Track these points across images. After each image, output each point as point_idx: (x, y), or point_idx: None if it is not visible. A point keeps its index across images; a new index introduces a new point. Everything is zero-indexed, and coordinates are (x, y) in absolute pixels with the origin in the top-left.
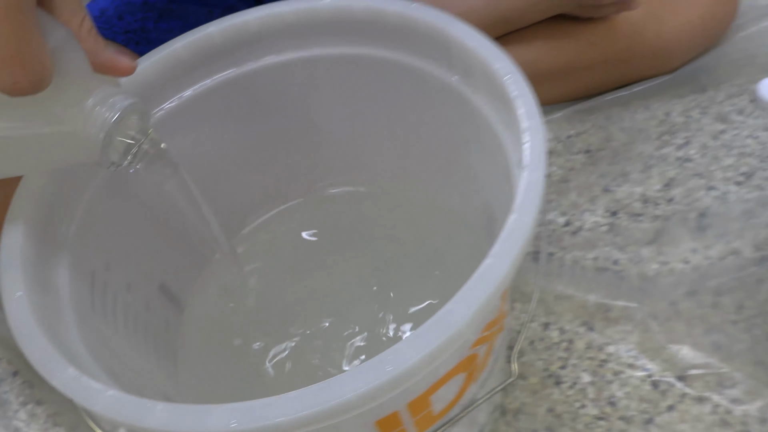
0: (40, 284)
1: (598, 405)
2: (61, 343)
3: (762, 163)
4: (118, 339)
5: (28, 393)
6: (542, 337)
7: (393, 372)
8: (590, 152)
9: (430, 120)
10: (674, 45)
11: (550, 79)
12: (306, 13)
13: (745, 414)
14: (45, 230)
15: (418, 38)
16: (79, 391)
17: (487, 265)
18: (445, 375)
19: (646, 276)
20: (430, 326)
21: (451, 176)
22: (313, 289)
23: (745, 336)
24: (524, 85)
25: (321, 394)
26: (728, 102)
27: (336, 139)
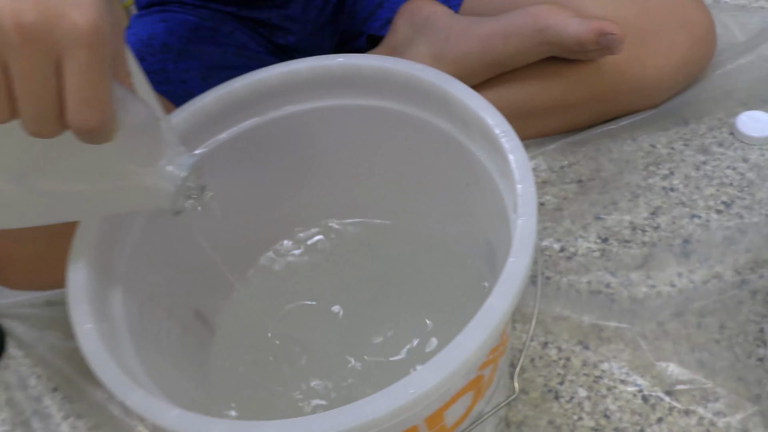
0: (102, 315)
1: (594, 417)
2: (126, 366)
3: (740, 192)
4: (161, 358)
5: (68, 407)
6: (542, 355)
7: (415, 394)
8: (582, 182)
9: (433, 164)
10: (655, 84)
11: (542, 115)
12: (320, 70)
13: (727, 426)
14: (102, 268)
15: (421, 94)
16: (149, 410)
17: (491, 303)
18: (456, 394)
19: (635, 298)
20: (445, 355)
21: (453, 214)
22: (326, 312)
23: (727, 354)
24: (516, 139)
25: (358, 411)
26: (709, 134)
27: (347, 178)
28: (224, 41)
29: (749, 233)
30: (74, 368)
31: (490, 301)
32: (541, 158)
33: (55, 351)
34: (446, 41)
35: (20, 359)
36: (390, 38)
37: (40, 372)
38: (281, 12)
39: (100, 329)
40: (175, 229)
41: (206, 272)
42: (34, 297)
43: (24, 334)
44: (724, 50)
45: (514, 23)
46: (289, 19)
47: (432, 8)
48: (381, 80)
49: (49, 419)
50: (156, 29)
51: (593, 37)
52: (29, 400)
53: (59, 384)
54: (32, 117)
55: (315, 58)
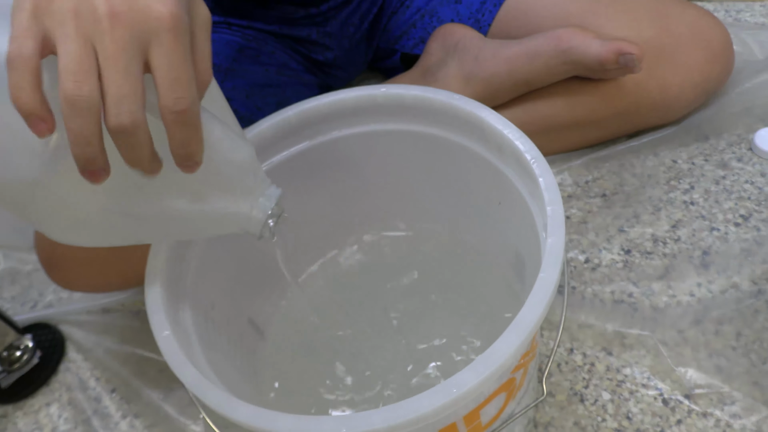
0: (175, 324)
1: (617, 419)
2: (200, 368)
3: (758, 206)
4: (223, 361)
5: (126, 408)
6: (567, 360)
7: (457, 393)
8: (606, 196)
9: (469, 183)
10: (675, 100)
11: (566, 130)
12: (365, 99)
13: (743, 428)
14: (172, 283)
15: (458, 121)
16: (225, 407)
17: (524, 313)
18: (491, 395)
19: (656, 307)
20: (483, 359)
21: (487, 228)
22: (371, 313)
23: (744, 360)
24: (545, 164)
25: (407, 408)
26: (729, 150)
27: (390, 194)
28: (267, 61)
29: (766, 245)
30: (130, 371)
31: (523, 311)
32: (567, 173)
33: (112, 355)
34: (476, 62)
35: (80, 362)
36: (424, 60)
37: (98, 374)
38: (320, 29)
39: (175, 335)
40: (231, 248)
41: (257, 284)
42: (90, 304)
43: (82, 339)
44: (743, 68)
45: (538, 45)
46: (328, 36)
47: (463, 32)
48: (421, 108)
49: (108, 418)
50: None
51: (613, 57)
52: (89, 401)
53: (117, 386)
54: (117, 98)
55: (361, 89)
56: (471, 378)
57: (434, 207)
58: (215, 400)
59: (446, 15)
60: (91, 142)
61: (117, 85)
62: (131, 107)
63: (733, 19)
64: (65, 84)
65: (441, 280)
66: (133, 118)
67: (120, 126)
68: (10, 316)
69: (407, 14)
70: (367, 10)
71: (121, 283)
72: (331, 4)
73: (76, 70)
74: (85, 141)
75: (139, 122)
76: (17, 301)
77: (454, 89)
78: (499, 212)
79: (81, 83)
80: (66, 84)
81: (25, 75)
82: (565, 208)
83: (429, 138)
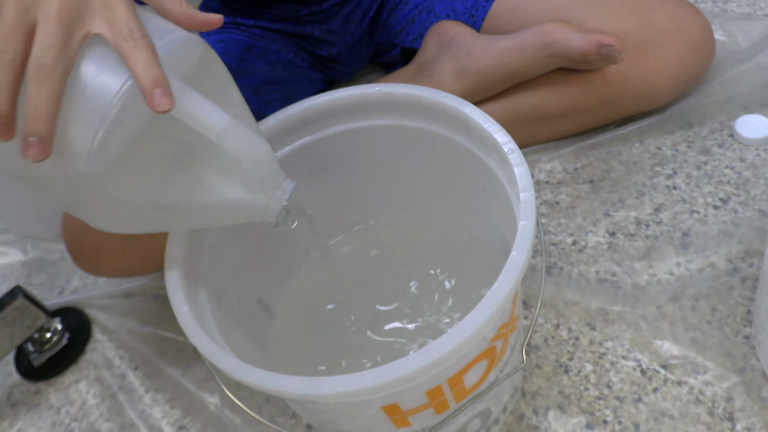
0: (192, 302)
1: (598, 388)
2: (214, 339)
3: (736, 190)
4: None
5: (148, 383)
6: (554, 335)
7: (437, 356)
8: (593, 182)
9: (457, 173)
10: (657, 88)
11: (555, 119)
12: (361, 97)
13: (714, 394)
14: (189, 266)
15: (445, 116)
16: (237, 371)
17: (495, 288)
18: (471, 360)
19: (638, 285)
20: (459, 328)
21: (476, 213)
22: (377, 289)
23: (717, 333)
24: (520, 156)
25: (392, 369)
26: (711, 137)
27: (386, 184)
28: (273, 59)
29: (742, 226)
30: (151, 350)
31: (495, 286)
32: (557, 161)
33: (134, 335)
34: (468, 57)
35: (105, 343)
36: (420, 56)
37: (122, 354)
38: (323, 26)
39: (192, 311)
40: (242, 233)
41: (266, 267)
42: (114, 289)
43: (107, 321)
44: (727, 57)
45: (525, 39)
46: (331, 33)
47: (457, 29)
48: (412, 105)
49: (132, 393)
50: (215, 49)
51: (594, 48)
52: (115, 378)
53: (139, 363)
54: (45, 46)
55: (356, 88)
56: (448, 343)
57: (428, 195)
58: (228, 365)
59: (442, 10)
60: (5, 94)
61: (44, 38)
62: (48, 54)
63: (720, 9)
64: None
65: (435, 263)
66: (47, 62)
67: (40, 67)
68: (41, 300)
69: (406, 10)
70: (367, 6)
71: (142, 268)
72: (332, 2)
73: (7, 28)
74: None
75: (59, 67)
76: (46, 288)
77: (448, 82)
78: (485, 199)
79: (6, 41)
80: None
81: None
82: (555, 194)
83: (419, 132)
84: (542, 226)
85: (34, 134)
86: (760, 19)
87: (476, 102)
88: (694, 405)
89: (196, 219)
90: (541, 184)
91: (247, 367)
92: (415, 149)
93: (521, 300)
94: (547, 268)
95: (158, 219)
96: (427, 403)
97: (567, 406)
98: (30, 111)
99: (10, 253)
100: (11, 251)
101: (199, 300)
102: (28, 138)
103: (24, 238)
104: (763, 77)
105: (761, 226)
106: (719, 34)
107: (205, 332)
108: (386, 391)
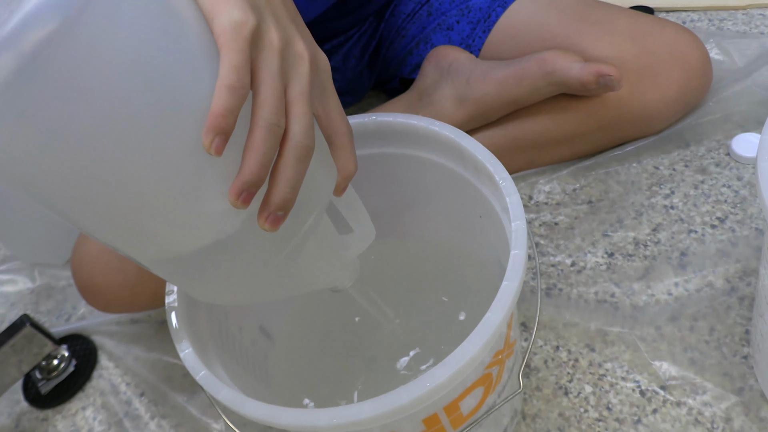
0: (194, 335)
1: (598, 410)
2: (215, 372)
3: (734, 208)
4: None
5: (154, 409)
6: (554, 357)
7: (430, 386)
8: (592, 203)
9: (454, 199)
10: (655, 114)
11: (554, 145)
12: (358, 126)
13: (713, 414)
14: (190, 298)
15: (440, 145)
16: (235, 403)
17: (488, 317)
18: (467, 388)
19: (636, 306)
20: (453, 357)
21: (475, 238)
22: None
23: (716, 353)
24: (512, 185)
25: (388, 400)
26: (708, 156)
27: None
28: None
29: (740, 245)
30: (157, 376)
31: (487, 315)
32: (555, 182)
33: (140, 362)
34: (467, 84)
35: (111, 369)
36: (419, 82)
37: (128, 380)
38: None
39: (194, 347)
40: None
41: None
42: (120, 316)
43: (113, 347)
44: (723, 76)
45: (525, 68)
46: (332, 69)
47: (455, 55)
48: (407, 134)
49: (138, 419)
50: None
51: (593, 78)
52: (121, 404)
53: (145, 390)
54: (305, 128)
55: (353, 117)
56: (442, 373)
57: (429, 219)
58: (227, 397)
59: (439, 41)
60: (268, 165)
61: (306, 117)
62: (311, 135)
63: (716, 27)
64: (264, 112)
65: (436, 285)
66: (311, 143)
67: (307, 148)
68: (47, 328)
69: (403, 43)
70: (366, 43)
71: (150, 304)
72: (334, 43)
73: (277, 104)
74: (266, 162)
75: (312, 148)
76: (53, 314)
77: (448, 110)
78: (481, 225)
79: (280, 115)
80: (264, 112)
81: (239, 102)
82: (554, 215)
83: (415, 159)
84: (541, 247)
85: (284, 209)
86: (755, 37)
87: (476, 128)
88: (693, 426)
89: (287, 287)
90: (540, 206)
91: (244, 399)
92: (412, 176)
93: (518, 324)
94: (546, 289)
95: (251, 292)
96: (424, 430)
97: (567, 429)
98: (287, 188)
99: (19, 281)
100: (19, 278)
101: (201, 331)
102: (278, 212)
103: (31, 265)
104: (759, 95)
105: (759, 245)
106: (715, 53)
107: (206, 365)
108: (382, 422)
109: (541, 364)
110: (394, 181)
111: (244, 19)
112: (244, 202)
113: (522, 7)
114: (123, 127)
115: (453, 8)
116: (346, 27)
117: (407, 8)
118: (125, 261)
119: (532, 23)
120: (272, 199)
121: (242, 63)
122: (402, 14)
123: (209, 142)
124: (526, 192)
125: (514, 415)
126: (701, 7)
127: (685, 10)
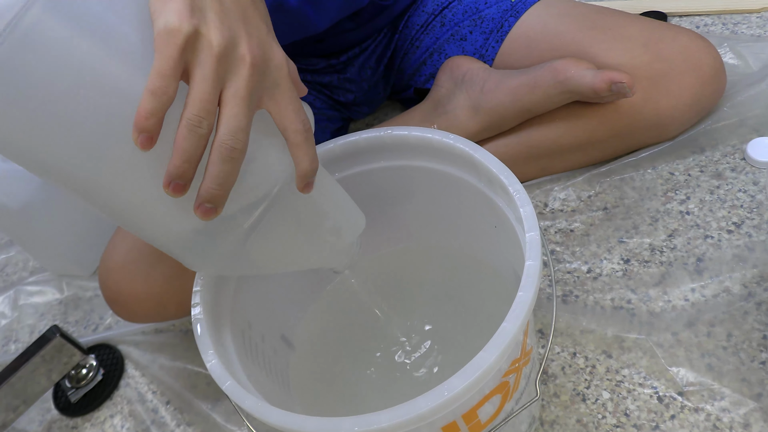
0: (219, 345)
1: (616, 416)
2: (239, 380)
3: (750, 213)
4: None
5: (179, 417)
6: (571, 364)
7: (449, 395)
8: (607, 209)
9: (469, 210)
10: (669, 121)
11: (568, 152)
12: (375, 140)
13: (731, 420)
14: (215, 308)
15: (454, 157)
16: (262, 412)
17: (503, 327)
18: (485, 396)
19: (653, 312)
20: (470, 367)
21: (491, 248)
22: (395, 316)
23: (733, 358)
24: (526, 196)
25: (407, 409)
26: (723, 160)
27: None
28: None
29: (756, 250)
30: (182, 384)
31: (503, 325)
32: (570, 189)
33: (166, 370)
34: (482, 93)
35: (138, 378)
36: (434, 92)
37: (154, 388)
38: (341, 76)
39: (218, 355)
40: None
41: (288, 303)
42: (145, 326)
43: (139, 357)
44: (738, 80)
45: (538, 76)
46: (348, 81)
47: (469, 65)
48: (423, 147)
49: (165, 427)
50: None
51: (606, 85)
52: (148, 412)
53: (171, 398)
54: (235, 129)
55: (370, 131)
56: (459, 382)
57: (445, 228)
58: (251, 405)
59: (453, 52)
60: (191, 161)
61: (236, 119)
62: (239, 137)
63: (731, 31)
64: (187, 113)
65: (454, 292)
66: (237, 145)
67: (232, 149)
68: (76, 338)
69: (417, 53)
70: (381, 54)
71: (175, 314)
72: (349, 55)
73: (202, 106)
74: (188, 158)
75: (245, 149)
76: (81, 325)
77: (463, 119)
78: (497, 235)
79: (203, 116)
80: (187, 113)
81: (161, 106)
82: (569, 222)
83: (431, 172)
84: (557, 254)
85: (212, 202)
86: None
87: (491, 137)
88: None
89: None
90: (555, 213)
91: (270, 408)
92: (428, 187)
93: (534, 331)
94: (563, 296)
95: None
96: None
97: None
98: (213, 184)
99: (47, 292)
100: (48, 290)
101: (225, 341)
102: (205, 203)
103: (59, 277)
104: None
105: None
106: (729, 57)
107: (230, 374)
108: (402, 430)
109: (558, 370)
110: (410, 192)
111: (178, 25)
112: (174, 191)
113: (534, 16)
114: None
115: (466, 19)
116: (360, 38)
117: (421, 19)
118: (152, 272)
119: (545, 32)
120: (200, 193)
121: (169, 69)
122: (416, 25)
123: (135, 139)
124: (542, 199)
125: (532, 422)
126: (715, 11)
127: (698, 14)
